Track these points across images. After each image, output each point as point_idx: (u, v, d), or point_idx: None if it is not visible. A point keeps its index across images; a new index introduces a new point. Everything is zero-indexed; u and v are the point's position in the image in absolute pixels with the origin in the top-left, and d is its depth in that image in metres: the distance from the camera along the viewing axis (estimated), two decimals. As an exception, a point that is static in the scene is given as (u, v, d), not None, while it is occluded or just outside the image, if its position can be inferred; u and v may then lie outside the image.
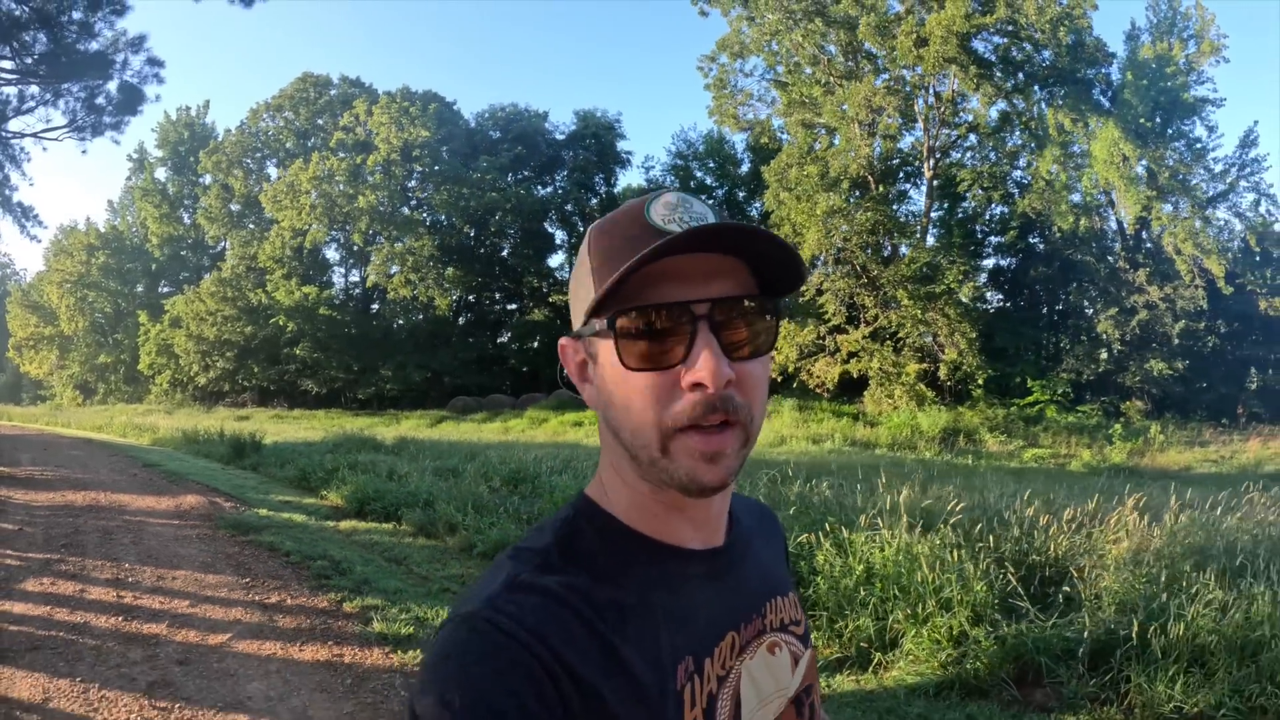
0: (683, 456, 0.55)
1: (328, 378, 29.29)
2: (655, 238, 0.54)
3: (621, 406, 0.56)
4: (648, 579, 0.59)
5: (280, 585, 4.78)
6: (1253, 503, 5.04)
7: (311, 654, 3.61)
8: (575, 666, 0.51)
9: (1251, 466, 15.10)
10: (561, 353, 0.63)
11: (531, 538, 0.62)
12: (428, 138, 30.32)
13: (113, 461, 12.00)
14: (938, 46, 21.53)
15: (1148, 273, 22.49)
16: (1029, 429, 20.20)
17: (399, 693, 3.21)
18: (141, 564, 5.24)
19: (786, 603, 0.71)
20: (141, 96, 15.41)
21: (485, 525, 6.28)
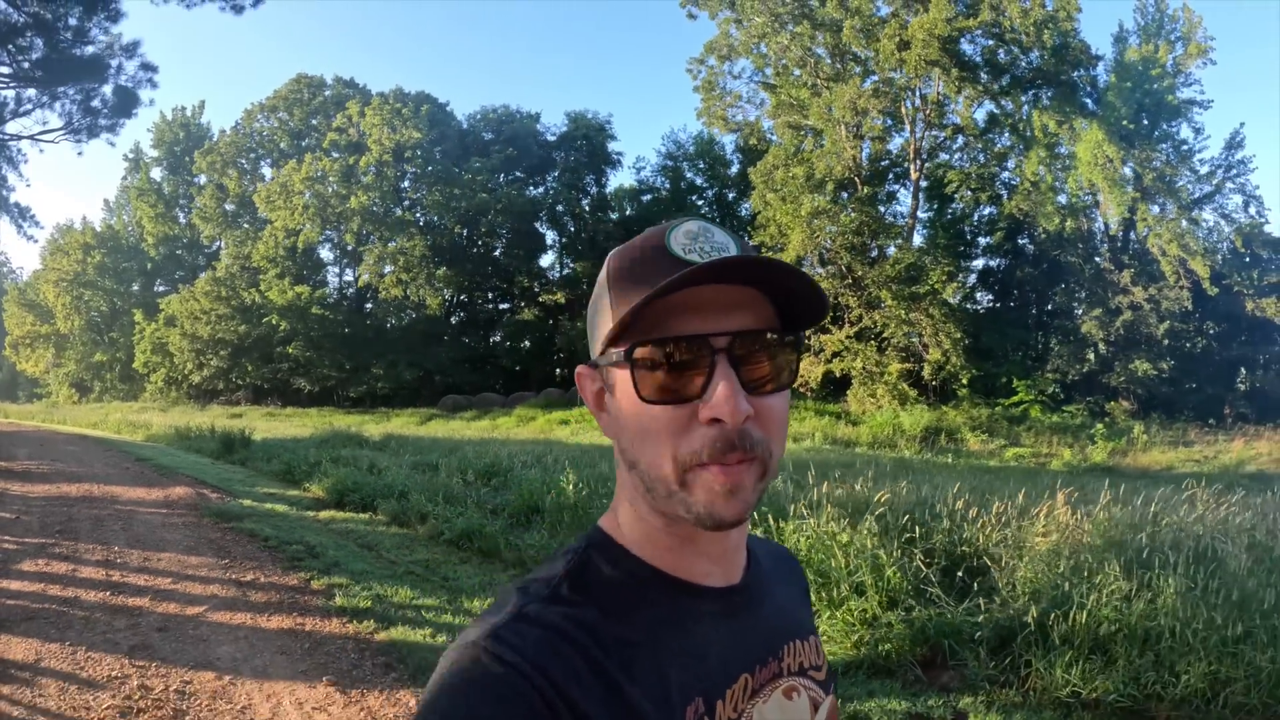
0: (700, 490, 0.54)
1: (320, 376, 29.68)
2: (676, 267, 0.54)
3: (638, 438, 0.56)
4: (659, 616, 0.58)
5: (256, 566, 5.21)
6: (1194, 500, 5.07)
7: (277, 623, 4.04)
8: (578, 702, 0.51)
9: (1233, 466, 15.33)
10: (578, 381, 0.62)
11: (542, 568, 0.61)
12: (419, 139, 30.71)
13: (106, 456, 12.42)
14: (919, 50, 21.92)
15: (1132, 273, 22.70)
16: (1013, 429, 20.33)
17: (350, 655, 3.64)
18: (129, 547, 5.66)
19: (807, 646, 0.70)
20: (136, 100, 15.79)
21: (454, 515, 6.71)
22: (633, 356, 0.55)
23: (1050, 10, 22.64)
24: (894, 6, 24.15)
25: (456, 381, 29.59)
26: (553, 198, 34.05)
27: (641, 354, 0.55)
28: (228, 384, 31.90)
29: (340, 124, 33.30)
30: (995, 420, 21.07)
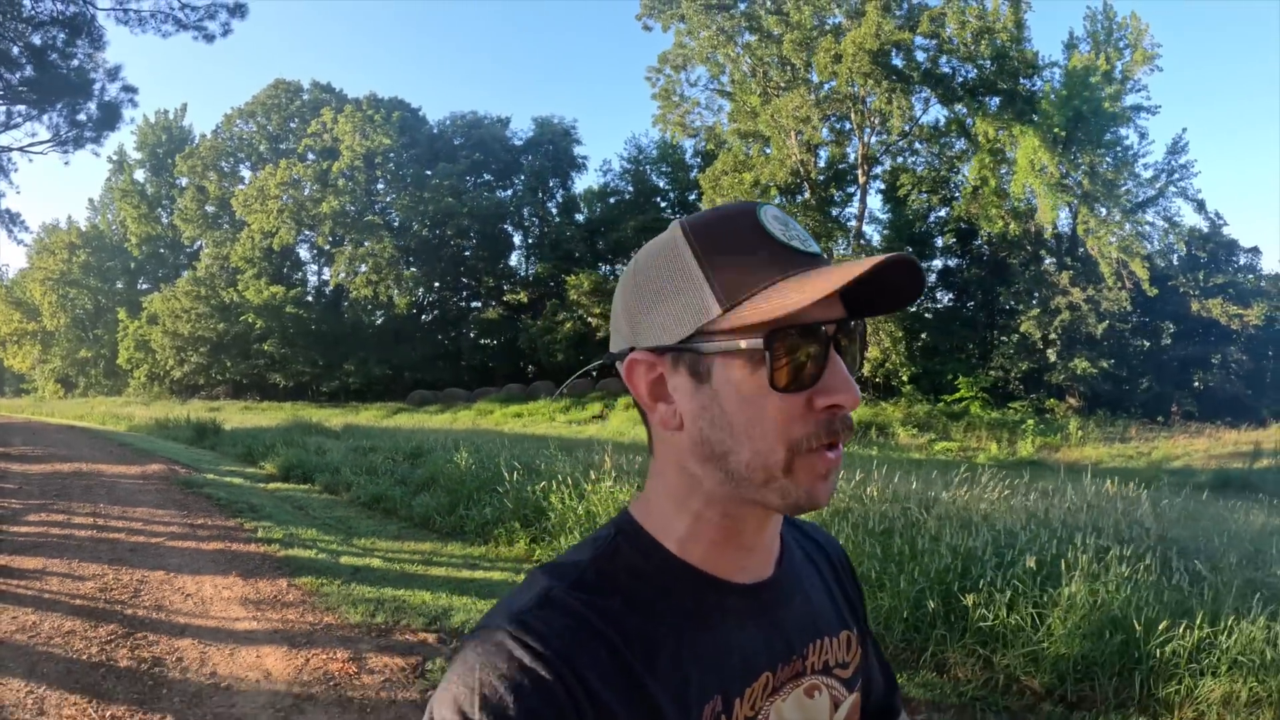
0: (804, 475, 0.55)
1: (295, 372, 31.32)
2: (783, 252, 0.55)
3: (744, 427, 0.55)
4: (684, 610, 0.58)
5: (206, 515, 6.96)
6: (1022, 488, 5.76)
7: (212, 546, 5.80)
8: (598, 693, 0.51)
9: (1159, 462, 16.08)
10: (631, 369, 0.59)
11: (572, 552, 0.61)
12: (389, 145, 32.30)
13: (93, 442, 14.11)
14: (849, 63, 23.40)
15: (1071, 275, 23.40)
16: (950, 424, 20.78)
17: (256, 562, 5.40)
18: (112, 505, 7.40)
19: (835, 643, 0.69)
20: (119, 114, 17.41)
21: (370, 484, 8.47)
22: (772, 346, 0.53)
23: (986, 21, 23.94)
24: (841, 16, 25.65)
25: (425, 377, 31.26)
26: (520, 200, 35.68)
27: (781, 343, 0.53)
28: (208, 379, 33.45)
29: (315, 130, 34.81)
30: (934, 416, 21.63)
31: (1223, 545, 4.54)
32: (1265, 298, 23.52)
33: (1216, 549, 4.47)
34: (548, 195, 36.40)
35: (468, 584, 4.87)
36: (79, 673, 3.40)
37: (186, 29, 16.02)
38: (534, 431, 18.27)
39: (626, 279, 0.61)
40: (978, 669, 3.50)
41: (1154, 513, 5.34)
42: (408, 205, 32.54)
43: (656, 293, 0.57)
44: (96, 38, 16.19)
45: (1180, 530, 5.07)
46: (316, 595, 4.51)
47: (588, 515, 5.44)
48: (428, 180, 32.99)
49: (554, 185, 36.58)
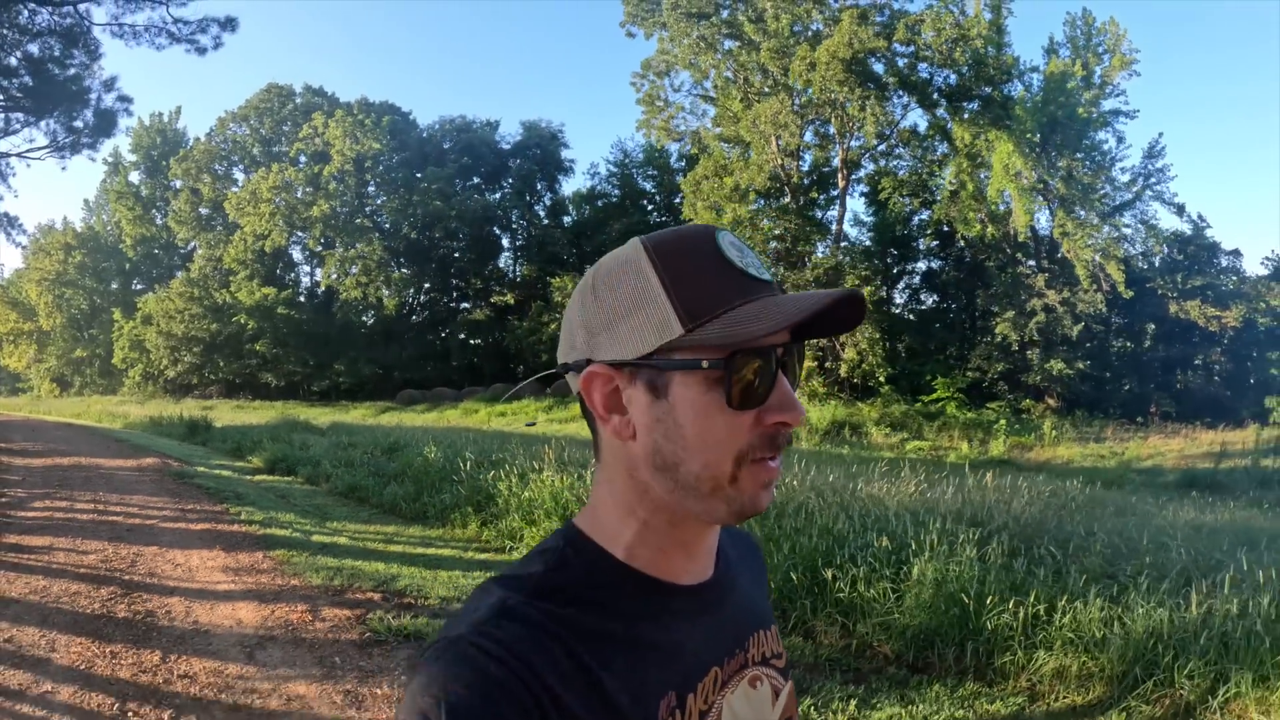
0: (748, 484, 0.58)
1: (286, 371, 32.03)
2: (739, 277, 0.58)
3: (697, 440, 0.58)
4: (635, 613, 0.61)
5: (195, 502, 7.72)
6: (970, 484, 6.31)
7: (200, 527, 6.56)
8: (560, 696, 0.53)
9: (1130, 462, 16.53)
10: (589, 381, 0.61)
11: (520, 565, 0.63)
12: (379, 150, 33.01)
13: (90, 439, 14.84)
14: (822, 71, 23.95)
15: (1046, 277, 23.72)
16: (926, 424, 21.00)
17: (238, 539, 6.15)
18: (110, 493, 8.15)
19: (768, 636, 0.73)
20: (115, 121, 18.11)
21: (347, 475, 9.23)
22: (731, 365, 0.56)
23: (961, 29, 24.34)
24: (820, 23, 26.25)
25: (414, 377, 31.97)
26: (508, 203, 36.39)
27: (741, 363, 0.56)
28: (201, 379, 34.12)
29: (306, 134, 35.49)
30: (910, 416, 21.84)
31: (1091, 535, 5.03)
32: (1244, 299, 23.71)
33: (1082, 537, 4.98)
34: (535, 198, 37.14)
35: (418, 558, 5.64)
36: (83, 622, 4.15)
37: (179, 42, 16.74)
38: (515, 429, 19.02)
39: (584, 292, 0.62)
40: (838, 635, 4.08)
41: (1033, 503, 6.09)
42: (397, 208, 33.27)
43: (617, 308, 0.59)
44: (92, 49, 16.92)
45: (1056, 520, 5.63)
46: (286, 564, 5.28)
47: (530, 500, 6.20)
48: (417, 183, 33.69)
49: (541, 188, 37.32)
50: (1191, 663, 3.33)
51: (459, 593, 4.64)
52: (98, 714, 3.06)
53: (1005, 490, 6.45)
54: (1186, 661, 3.34)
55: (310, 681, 3.36)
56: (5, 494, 8.02)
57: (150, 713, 3.07)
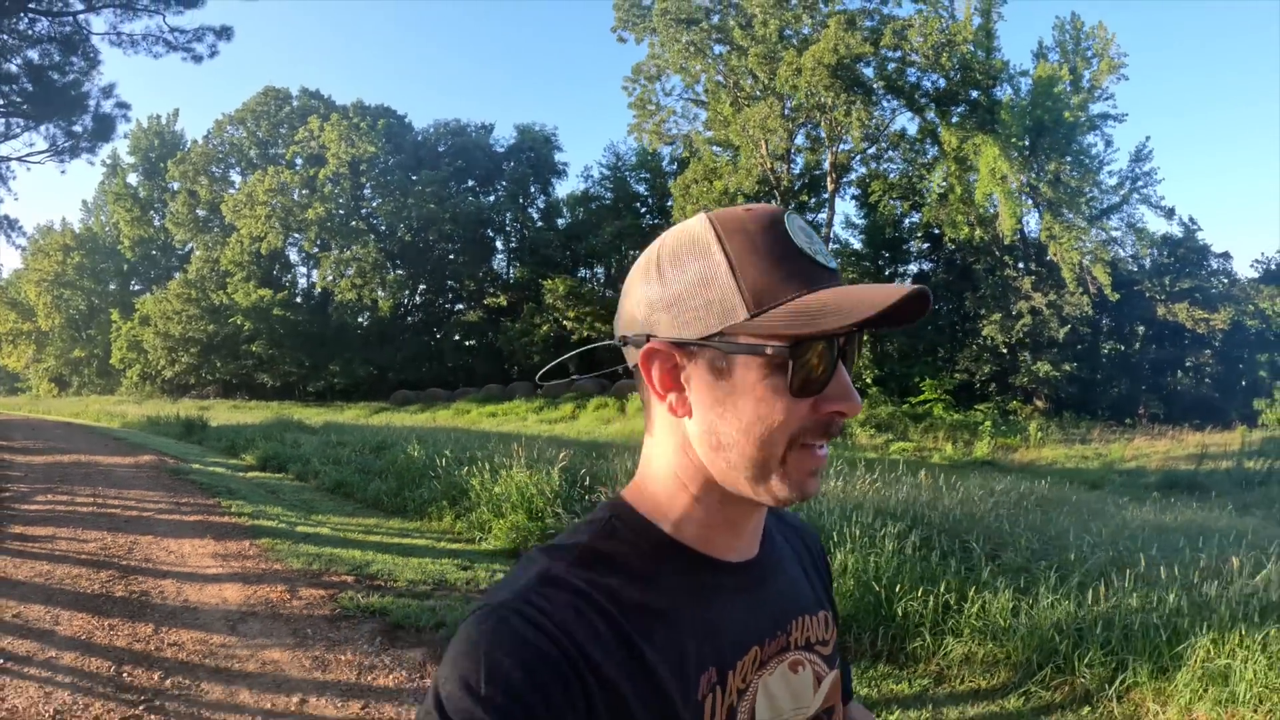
0: (796, 469, 0.59)
1: (282, 372, 32.47)
2: (807, 264, 0.59)
3: (753, 424, 0.58)
4: (679, 586, 0.61)
5: (189, 496, 8.18)
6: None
7: (193, 519, 7.01)
8: (600, 665, 0.54)
9: (1114, 463, 16.71)
10: (649, 357, 0.61)
11: (568, 534, 0.64)
12: (374, 154, 33.47)
13: (89, 437, 15.29)
14: (807, 77, 24.36)
15: (1032, 280, 24.02)
16: (914, 425, 21.09)
17: (227, 529, 6.61)
18: (109, 487, 8.60)
19: (815, 621, 0.73)
20: (113, 126, 18.60)
21: (334, 471, 9.68)
22: (795, 353, 0.57)
23: (947, 33, 24.61)
24: (809, 28, 26.56)
25: (408, 377, 32.41)
26: (502, 205, 36.84)
27: (803, 351, 0.57)
28: (198, 379, 34.54)
29: (302, 137, 35.93)
30: (897, 417, 21.89)
31: (1017, 531, 5.32)
32: (1232, 302, 23.91)
33: (1009, 533, 5.27)
34: (528, 201, 37.61)
35: (393, 547, 6.10)
36: (84, 600, 4.61)
37: (176, 50, 17.22)
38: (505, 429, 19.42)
39: (648, 267, 0.63)
40: None
41: (967, 501, 6.52)
42: (392, 211, 33.72)
43: (682, 287, 0.60)
44: (91, 56, 17.40)
45: (994, 517, 5.96)
46: (270, 551, 5.73)
47: (498, 495, 6.66)
48: (412, 186, 34.14)
49: (535, 191, 37.78)
50: (1092, 652, 3.52)
51: (426, 576, 5.10)
52: (96, 675, 3.51)
53: (957, 489, 6.86)
54: (1087, 651, 3.54)
55: (284, 649, 3.82)
56: (8, 489, 8.47)
57: (142, 674, 3.52)
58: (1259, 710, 3.05)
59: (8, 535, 6.23)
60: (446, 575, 5.13)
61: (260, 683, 3.44)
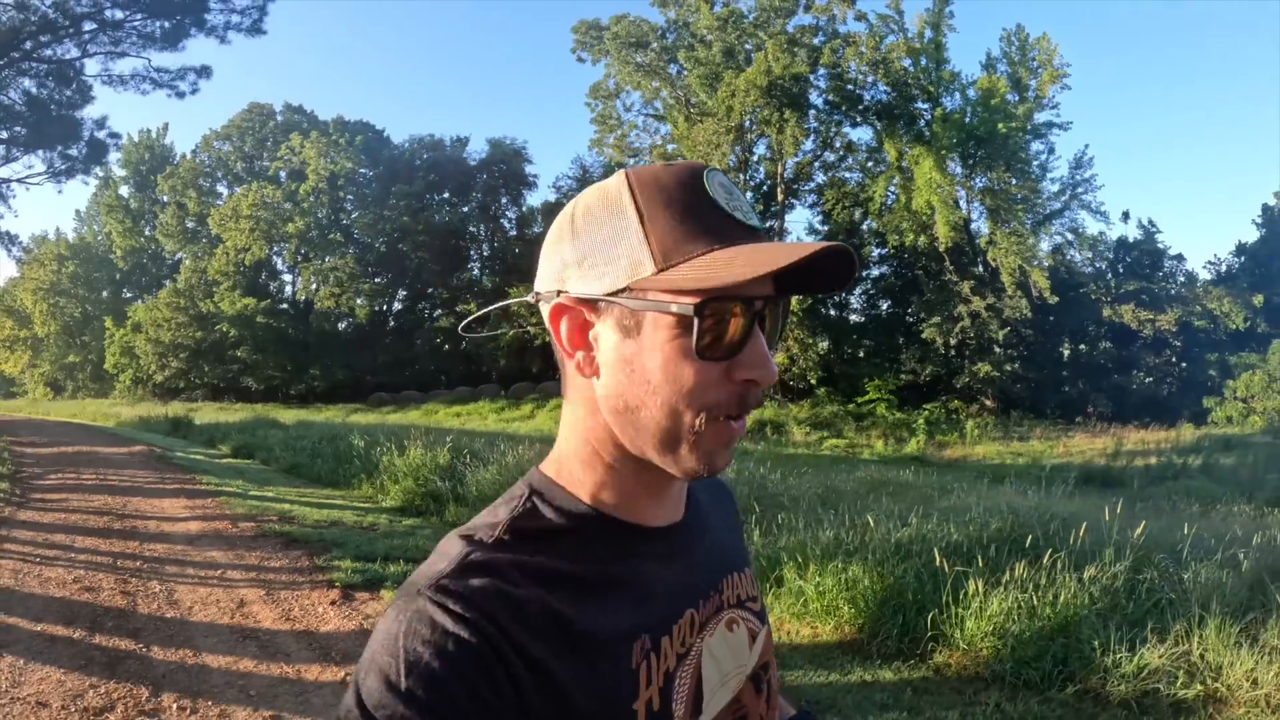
0: (709, 441, 0.57)
1: (265, 376, 34.67)
2: (724, 220, 0.56)
3: (661, 385, 0.56)
4: (606, 556, 0.60)
5: (172, 473, 10.43)
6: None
7: (172, 487, 9.27)
8: (526, 646, 0.53)
9: (1039, 459, 17.13)
10: (558, 312, 0.60)
11: (486, 513, 0.62)
12: (352, 169, 35.70)
13: (88, 433, 17.53)
14: (741, 98, 26.34)
15: (972, 285, 25.06)
16: (855, 424, 22.15)
17: (198, 494, 8.85)
18: (109, 468, 10.85)
19: (743, 579, 0.73)
20: (105, 151, 20.82)
21: (291, 456, 11.92)
22: (703, 312, 0.54)
23: (883, 52, 26.51)
24: (755, 46, 28.14)
25: (385, 380, 34.61)
26: (475, 216, 39.03)
27: (713, 310, 0.55)
28: (187, 383, 36.69)
29: (284, 153, 38.13)
30: (839, 417, 22.93)
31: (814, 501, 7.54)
32: (1180, 303, 24.90)
33: (794, 501, 7.24)
34: (500, 211, 39.86)
35: (315, 504, 8.36)
36: (91, 531, 6.84)
37: (161, 87, 19.40)
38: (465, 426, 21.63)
39: (564, 222, 0.61)
40: None
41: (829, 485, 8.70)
42: (370, 223, 35.95)
43: (592, 241, 0.58)
44: (84, 91, 19.66)
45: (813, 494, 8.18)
46: (225, 505, 8.00)
47: (393, 465, 8.96)
48: (389, 198, 36.35)
49: (506, 202, 40.03)
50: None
51: (327, 519, 7.36)
52: (100, 564, 5.74)
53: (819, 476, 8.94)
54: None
55: (220, 551, 6.08)
56: (25, 470, 10.70)
57: (130, 563, 5.76)
58: (822, 617, 4.33)
59: (31, 499, 8.47)
60: (343, 519, 7.39)
61: (202, 565, 5.70)
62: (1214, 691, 3.33)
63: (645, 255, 0.56)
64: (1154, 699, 3.31)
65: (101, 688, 3.39)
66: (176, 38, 18.65)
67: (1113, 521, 4.58)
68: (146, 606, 4.59)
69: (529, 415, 26.37)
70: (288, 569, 5.51)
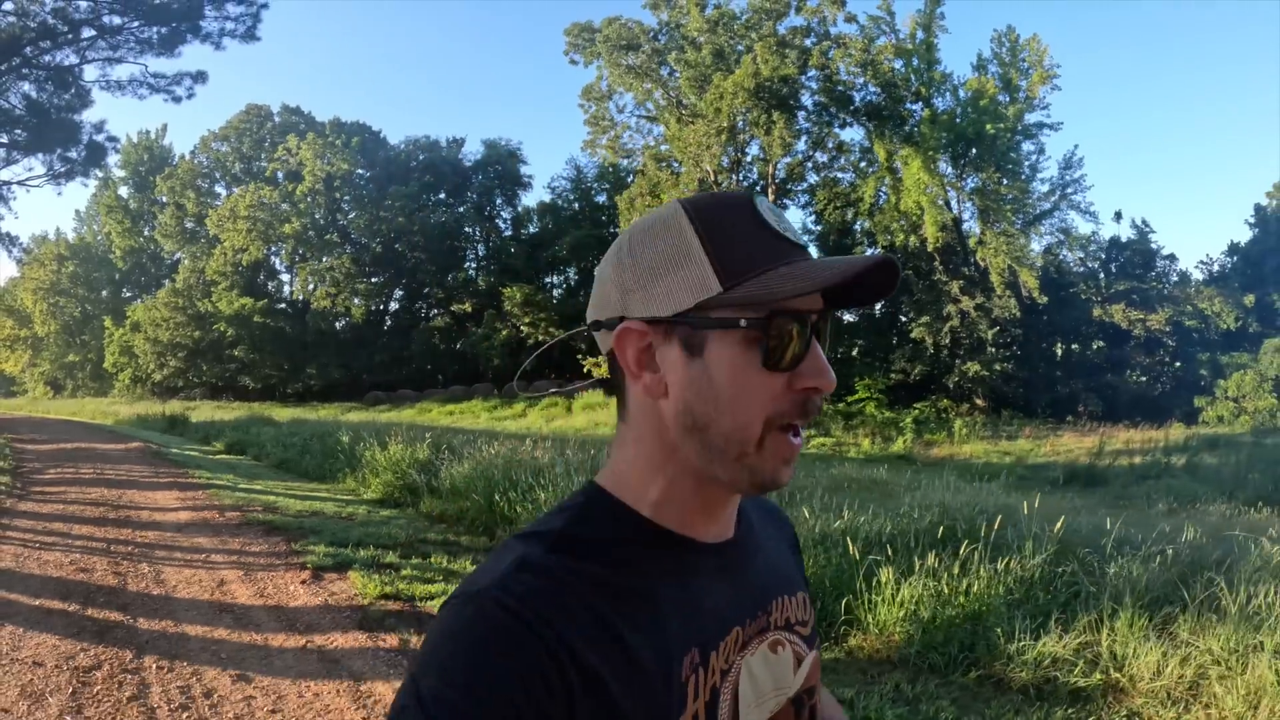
0: (771, 454, 0.60)
1: (262, 375, 35.17)
2: (777, 240, 0.60)
3: (729, 401, 0.59)
4: (659, 569, 0.61)
5: (166, 468, 10.89)
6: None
7: (166, 480, 9.73)
8: (580, 652, 0.53)
9: (1024, 457, 17.68)
10: (623, 336, 0.62)
11: (543, 521, 0.63)
12: (348, 170, 36.15)
13: (87, 430, 18.00)
14: (728, 100, 26.69)
15: (961, 285, 25.19)
16: (844, 423, 22.17)
17: (191, 487, 9.31)
18: (107, 464, 11.31)
19: (794, 601, 0.73)
20: (104, 154, 21.31)
21: (280, 453, 12.37)
22: (768, 326, 0.58)
23: (873, 55, 26.84)
24: (747, 46, 28.32)
25: (381, 379, 35.10)
26: (470, 217, 39.48)
27: (778, 325, 0.58)
28: (186, 382, 37.18)
29: (280, 154, 38.58)
30: (829, 415, 22.44)
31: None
32: (1171, 303, 25.05)
33: None
34: (494, 212, 40.32)
35: (299, 495, 8.82)
36: (88, 519, 7.29)
37: (158, 92, 19.88)
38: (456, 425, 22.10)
39: (620, 251, 0.63)
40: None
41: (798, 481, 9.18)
42: (366, 224, 36.41)
43: (654, 266, 0.61)
44: (84, 96, 20.11)
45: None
46: (215, 496, 8.46)
47: (375, 461, 9.42)
48: (385, 199, 36.81)
49: (500, 203, 40.49)
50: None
51: (309, 509, 7.81)
52: (95, 549, 6.20)
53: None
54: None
55: (206, 538, 6.53)
56: (26, 465, 11.17)
57: (123, 548, 6.22)
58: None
59: (31, 492, 8.93)
60: (324, 509, 7.85)
61: (188, 549, 6.16)
62: (1115, 681, 3.43)
63: (710, 275, 0.59)
64: (1053, 686, 3.42)
65: (91, 651, 3.84)
66: (173, 44, 19.10)
67: (1032, 516, 4.97)
68: (135, 585, 5.05)
69: (520, 414, 26.79)
70: (266, 553, 5.96)
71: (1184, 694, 3.30)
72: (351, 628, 4.21)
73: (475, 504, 6.96)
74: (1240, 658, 3.31)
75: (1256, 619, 3.51)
